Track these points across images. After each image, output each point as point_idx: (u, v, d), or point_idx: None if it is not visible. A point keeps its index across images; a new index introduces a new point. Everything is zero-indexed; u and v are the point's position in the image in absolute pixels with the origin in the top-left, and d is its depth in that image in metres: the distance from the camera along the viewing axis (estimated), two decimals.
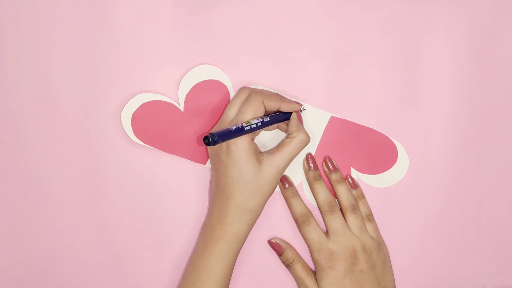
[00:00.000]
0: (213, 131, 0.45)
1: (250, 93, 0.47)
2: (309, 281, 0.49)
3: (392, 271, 0.51)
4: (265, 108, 0.47)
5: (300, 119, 0.49)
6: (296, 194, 0.50)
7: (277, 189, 0.51)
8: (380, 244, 0.50)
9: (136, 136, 0.49)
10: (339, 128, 0.51)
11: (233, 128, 0.43)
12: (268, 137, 0.50)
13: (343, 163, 0.51)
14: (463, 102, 0.51)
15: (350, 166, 0.52)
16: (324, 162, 0.51)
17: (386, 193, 0.52)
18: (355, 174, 0.52)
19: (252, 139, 0.46)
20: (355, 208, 0.50)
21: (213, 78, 0.49)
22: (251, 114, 0.45)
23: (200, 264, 0.46)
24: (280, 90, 0.50)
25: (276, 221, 0.51)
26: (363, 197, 0.51)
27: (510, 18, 0.50)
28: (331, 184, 0.51)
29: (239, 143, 0.44)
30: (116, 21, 0.49)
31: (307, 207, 0.50)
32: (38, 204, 0.50)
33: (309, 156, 0.50)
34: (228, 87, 0.50)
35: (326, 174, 0.51)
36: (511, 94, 0.51)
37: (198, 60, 0.49)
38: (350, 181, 0.51)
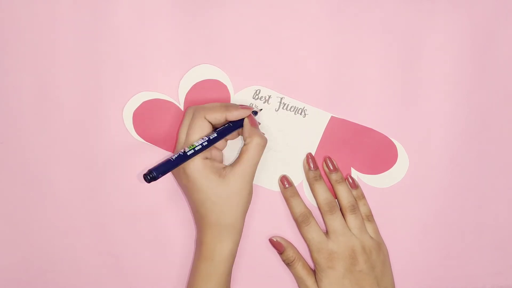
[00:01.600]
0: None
1: (193, 112, 0.46)
2: (309, 280, 0.49)
3: (392, 272, 0.51)
4: (211, 123, 0.45)
5: (253, 123, 0.47)
6: (296, 194, 0.50)
7: (277, 189, 0.51)
8: (380, 245, 0.50)
9: (137, 134, 0.49)
10: (339, 128, 0.51)
11: (174, 157, 0.42)
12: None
13: (343, 163, 0.51)
14: (463, 102, 0.51)
15: (350, 166, 0.52)
16: (324, 162, 0.51)
17: (386, 193, 0.52)
18: (355, 174, 0.52)
19: (207, 158, 0.45)
20: (355, 208, 0.50)
21: (213, 78, 0.50)
22: (198, 133, 0.45)
23: (193, 286, 0.46)
24: (280, 90, 0.50)
25: (276, 221, 0.51)
26: (363, 197, 0.51)
27: (510, 18, 0.50)
28: (331, 184, 0.51)
29: (192, 166, 0.44)
30: (116, 21, 0.49)
31: (307, 207, 0.50)
32: (38, 204, 0.50)
33: (309, 156, 0.50)
34: (228, 87, 0.50)
35: (326, 174, 0.51)
36: (511, 94, 0.51)
37: (198, 60, 0.49)
38: (350, 181, 0.51)
